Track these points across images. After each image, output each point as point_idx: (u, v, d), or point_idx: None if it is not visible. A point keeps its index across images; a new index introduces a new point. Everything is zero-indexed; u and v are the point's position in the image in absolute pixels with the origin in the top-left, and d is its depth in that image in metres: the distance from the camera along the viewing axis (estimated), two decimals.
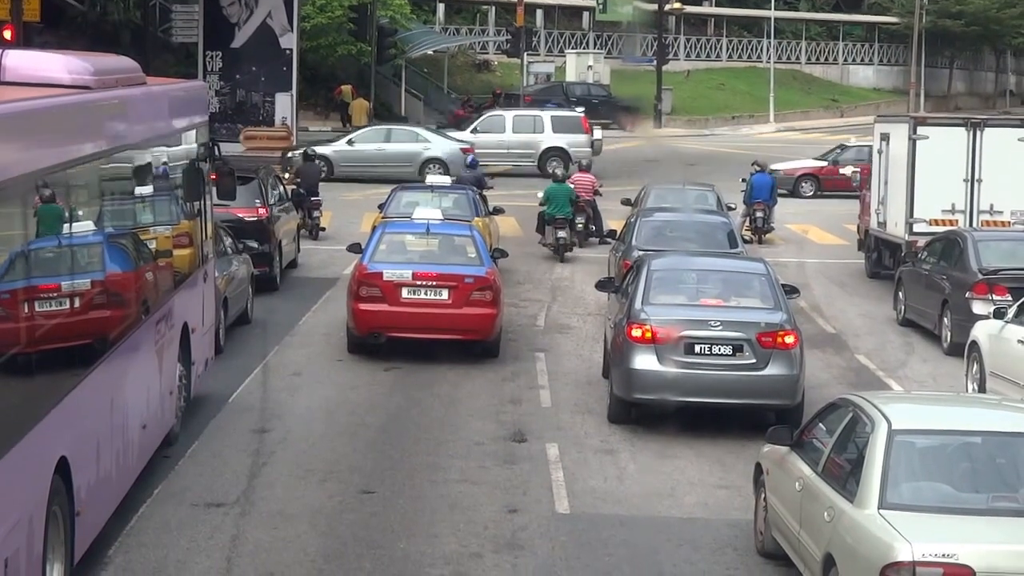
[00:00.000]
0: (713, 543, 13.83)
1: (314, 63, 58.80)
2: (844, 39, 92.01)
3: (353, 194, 40.13)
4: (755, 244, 33.57)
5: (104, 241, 12.99)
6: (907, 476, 11.15)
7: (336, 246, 29.30)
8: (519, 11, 66.39)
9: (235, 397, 18.75)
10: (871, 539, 10.65)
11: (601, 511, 14.75)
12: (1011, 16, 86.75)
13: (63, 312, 11.85)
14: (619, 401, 18.01)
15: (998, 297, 21.74)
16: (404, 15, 63.78)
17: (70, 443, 11.44)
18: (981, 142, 27.22)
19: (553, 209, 31.49)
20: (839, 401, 12.78)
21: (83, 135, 12.42)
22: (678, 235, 25.10)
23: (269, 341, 22.20)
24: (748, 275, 19.27)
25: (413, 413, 18.42)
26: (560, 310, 25.87)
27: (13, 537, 10.13)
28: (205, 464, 15.78)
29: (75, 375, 11.92)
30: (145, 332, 14.45)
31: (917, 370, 21.89)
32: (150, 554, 12.97)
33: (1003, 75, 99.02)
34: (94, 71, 13.04)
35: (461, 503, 14.76)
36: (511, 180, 42.84)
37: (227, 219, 23.96)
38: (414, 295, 21.00)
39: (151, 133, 15.12)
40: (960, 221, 27.10)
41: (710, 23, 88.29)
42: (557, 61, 75.46)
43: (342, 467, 15.89)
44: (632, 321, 17.84)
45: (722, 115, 75.75)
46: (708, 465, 16.47)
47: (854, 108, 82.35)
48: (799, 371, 17.73)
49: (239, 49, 49.99)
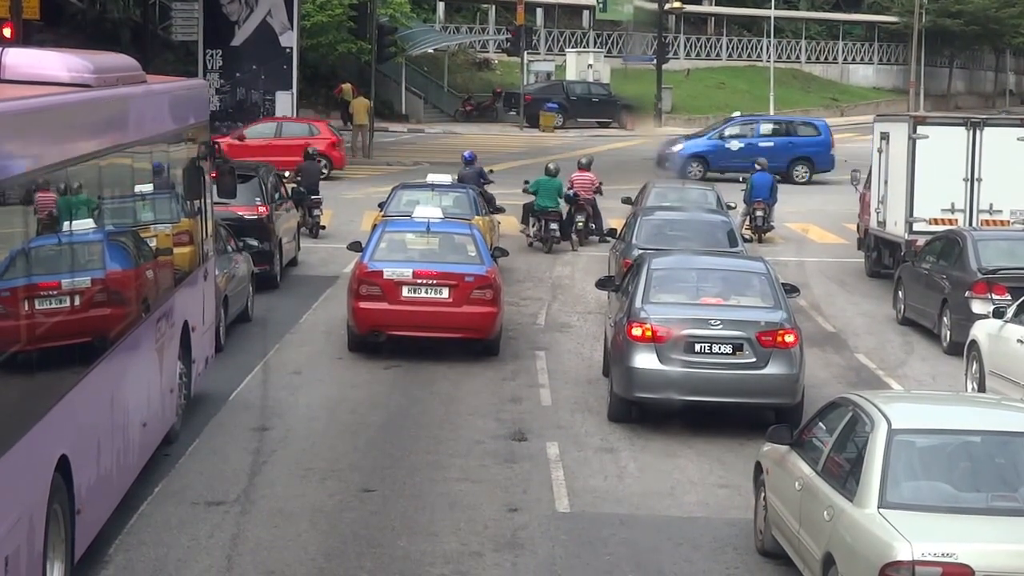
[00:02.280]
0: (713, 542, 13.84)
1: (314, 61, 58.83)
2: (844, 38, 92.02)
3: (353, 192, 40.13)
4: (755, 243, 33.57)
5: (104, 239, 12.99)
6: (907, 475, 11.16)
7: (336, 244, 29.32)
8: (519, 10, 66.40)
9: (235, 395, 18.76)
10: (871, 538, 10.66)
11: (601, 510, 14.76)
12: (1010, 15, 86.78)
13: (63, 310, 11.86)
14: (619, 400, 18.02)
15: (997, 296, 21.75)
16: (404, 13, 63.77)
17: (71, 441, 11.45)
18: (981, 141, 27.23)
19: (541, 202, 31.84)
20: (839, 400, 12.79)
21: (83, 134, 12.42)
22: (678, 234, 25.12)
23: (269, 339, 22.21)
24: (748, 274, 19.28)
25: (413, 412, 18.43)
26: (560, 309, 25.88)
27: (14, 535, 10.14)
28: (205, 462, 15.79)
29: (76, 373, 11.92)
30: (145, 330, 14.45)
31: (917, 369, 21.90)
32: (151, 552, 12.98)
33: (1002, 74, 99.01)
34: (94, 69, 13.04)
35: (461, 502, 14.77)
36: (511, 180, 42.80)
37: (227, 217, 23.98)
38: (414, 294, 21.01)
39: (151, 131, 15.12)
40: (960, 220, 27.09)
41: (710, 22, 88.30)
42: (557, 60, 75.48)
43: (342, 465, 15.90)
44: (632, 320, 17.85)
45: (722, 114, 75.69)
46: (708, 464, 16.48)
47: (854, 107, 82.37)
48: (799, 370, 17.74)
49: (239, 47, 50.01)
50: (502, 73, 73.85)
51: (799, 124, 50.09)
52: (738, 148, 47.29)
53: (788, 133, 48.66)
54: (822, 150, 47.48)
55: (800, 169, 47.10)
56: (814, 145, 47.72)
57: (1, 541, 9.87)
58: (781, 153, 46.50)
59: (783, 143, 47.63)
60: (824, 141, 47.82)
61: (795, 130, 48.96)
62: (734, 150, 47.45)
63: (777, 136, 48.25)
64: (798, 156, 47.36)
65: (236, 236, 23.87)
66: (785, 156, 46.65)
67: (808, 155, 47.49)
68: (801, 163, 47.29)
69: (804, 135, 48.43)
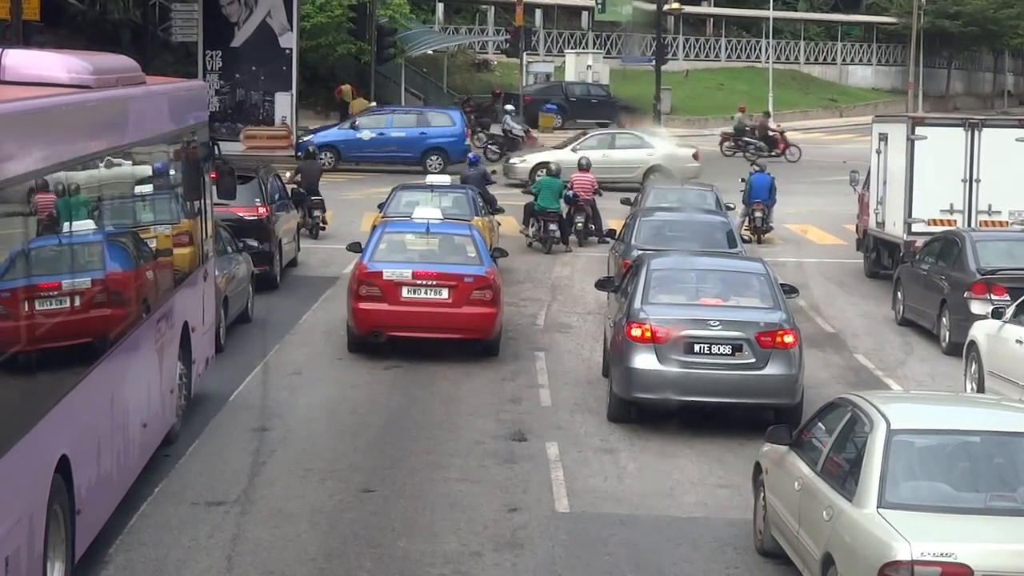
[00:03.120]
0: (713, 542, 13.86)
1: (314, 62, 58.77)
2: (842, 39, 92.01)
3: (353, 193, 40.13)
4: (754, 244, 33.59)
5: (104, 240, 13.01)
6: (906, 475, 11.17)
7: (336, 245, 29.32)
8: (518, 11, 66.39)
9: (235, 396, 18.77)
10: (870, 538, 10.68)
11: (601, 510, 14.77)
12: (1009, 16, 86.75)
13: (64, 311, 11.87)
14: (619, 400, 18.04)
15: (996, 297, 21.76)
16: (403, 14, 63.76)
17: (71, 441, 11.46)
18: (979, 142, 27.26)
19: (542, 203, 31.90)
20: (838, 400, 12.80)
21: (83, 134, 12.43)
22: (677, 235, 25.13)
23: (269, 340, 22.23)
24: (747, 275, 19.30)
25: (413, 412, 18.45)
26: (560, 309, 25.90)
27: (14, 535, 10.15)
28: (206, 463, 15.80)
29: (76, 374, 11.93)
30: (146, 331, 14.47)
31: (916, 370, 21.92)
32: (151, 553, 13.00)
33: (1001, 75, 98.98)
34: (94, 70, 13.05)
35: (461, 502, 14.79)
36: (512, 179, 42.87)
37: (227, 218, 23.99)
38: (414, 294, 21.03)
39: (151, 132, 15.13)
40: (958, 221, 27.12)
41: (709, 23, 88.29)
42: (556, 61, 75.47)
43: (342, 466, 15.91)
44: (632, 320, 17.86)
45: (721, 115, 75.73)
46: (708, 464, 16.49)
47: (853, 108, 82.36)
48: (798, 370, 17.75)
49: (239, 48, 49.97)
50: (501, 74, 73.83)
51: (432, 115, 49.00)
52: (370, 139, 46.84)
53: (420, 124, 47.83)
54: (455, 141, 46.51)
55: (433, 159, 46.04)
56: (447, 136, 46.82)
57: (1, 541, 9.88)
58: (413, 144, 46.26)
59: (415, 134, 47.02)
60: (458, 132, 47.01)
61: (428, 121, 48.05)
62: (365, 140, 46.96)
63: (409, 127, 47.52)
64: (431, 147, 46.48)
65: (236, 237, 23.89)
66: (418, 147, 46.21)
67: (441, 146, 46.53)
68: (434, 154, 46.26)
69: (437, 126, 47.49)
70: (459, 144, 46.43)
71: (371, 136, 47.06)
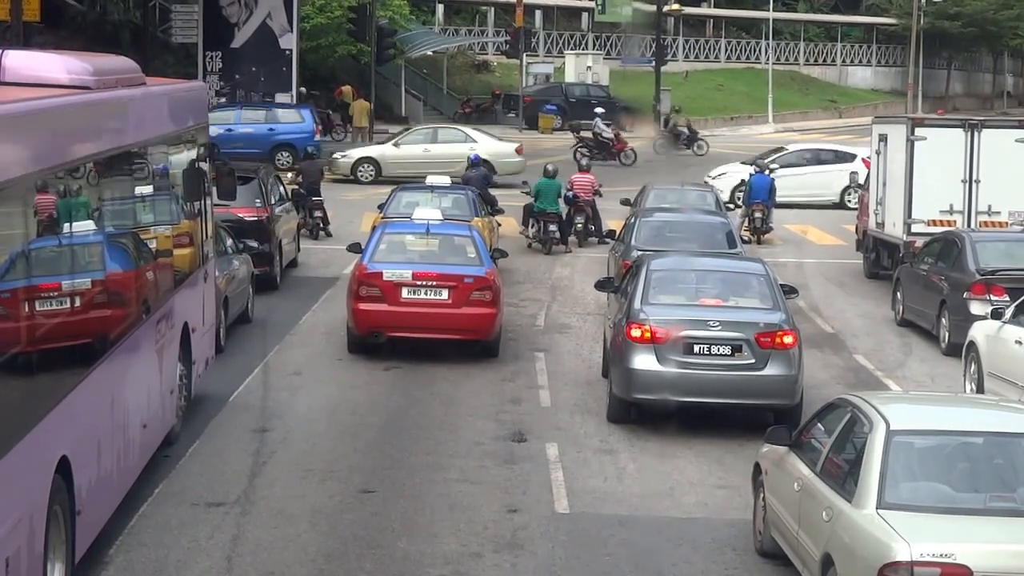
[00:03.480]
0: (712, 543, 13.86)
1: (314, 63, 58.83)
2: (842, 40, 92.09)
3: (353, 194, 40.15)
4: (754, 244, 33.60)
5: (105, 241, 13.02)
6: (905, 476, 11.18)
7: (336, 246, 29.34)
8: (518, 12, 66.48)
9: (235, 396, 18.78)
10: (869, 539, 10.68)
11: (600, 511, 14.78)
12: (1008, 18, 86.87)
13: (64, 311, 11.88)
14: (618, 401, 18.04)
15: (996, 297, 21.77)
16: (403, 15, 63.84)
17: (71, 442, 11.47)
18: (979, 143, 27.27)
19: (542, 204, 31.94)
20: (837, 401, 12.81)
21: (83, 135, 12.44)
22: (677, 235, 25.15)
23: (269, 340, 22.23)
24: (747, 275, 19.30)
25: (413, 413, 18.45)
26: (560, 310, 25.90)
27: (14, 536, 10.16)
28: (206, 463, 15.81)
29: (76, 374, 11.94)
30: (146, 332, 14.48)
31: (915, 370, 21.92)
32: (151, 553, 13.00)
33: (1000, 76, 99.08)
34: (94, 71, 13.06)
35: (461, 503, 14.79)
36: (511, 179, 42.82)
37: (227, 219, 24.01)
38: (414, 295, 21.04)
39: (151, 133, 15.14)
40: (958, 222, 27.13)
41: (709, 24, 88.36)
42: (556, 62, 75.53)
43: (342, 466, 15.92)
44: (631, 321, 17.87)
45: (721, 116, 75.80)
46: (707, 465, 16.50)
47: (852, 109, 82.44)
48: (798, 371, 17.76)
49: (239, 49, 50.04)
50: (501, 75, 73.91)
51: (282, 111, 48.77)
52: (216, 134, 46.72)
53: (269, 120, 47.62)
54: (305, 137, 46.06)
55: (283, 155, 46.03)
56: (296, 132, 46.64)
57: (2, 542, 9.89)
58: (262, 140, 46.14)
59: (263, 130, 46.86)
60: (307, 128, 46.87)
61: (277, 117, 47.89)
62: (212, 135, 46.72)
63: (258, 123, 47.27)
64: (279, 143, 46.47)
65: (236, 237, 23.90)
66: (266, 143, 46.11)
67: (290, 142, 46.29)
68: (283, 150, 46.22)
69: (286, 122, 47.42)
70: (308, 140, 45.20)
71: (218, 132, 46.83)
